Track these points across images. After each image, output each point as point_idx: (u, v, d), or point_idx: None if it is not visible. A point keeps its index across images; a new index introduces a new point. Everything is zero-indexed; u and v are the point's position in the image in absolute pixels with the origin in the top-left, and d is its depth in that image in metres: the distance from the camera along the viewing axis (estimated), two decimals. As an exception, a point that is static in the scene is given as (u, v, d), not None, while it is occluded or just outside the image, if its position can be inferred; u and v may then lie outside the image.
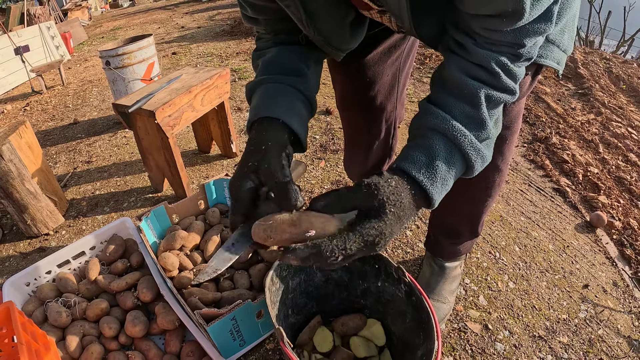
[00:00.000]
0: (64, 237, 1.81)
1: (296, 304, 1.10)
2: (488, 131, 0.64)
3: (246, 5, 0.79)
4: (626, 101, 2.90)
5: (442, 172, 0.61)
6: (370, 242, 0.56)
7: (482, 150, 0.64)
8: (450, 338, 1.22)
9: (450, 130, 0.62)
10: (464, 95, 0.63)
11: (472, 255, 1.50)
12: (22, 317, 0.97)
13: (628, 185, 1.95)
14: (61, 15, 9.16)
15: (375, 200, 0.57)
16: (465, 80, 0.62)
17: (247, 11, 0.81)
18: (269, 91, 0.75)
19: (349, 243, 0.55)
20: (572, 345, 1.20)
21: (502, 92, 0.63)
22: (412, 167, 0.61)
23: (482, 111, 0.63)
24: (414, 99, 2.85)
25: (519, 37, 0.59)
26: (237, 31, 5.40)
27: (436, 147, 0.62)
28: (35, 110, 3.61)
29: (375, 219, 0.57)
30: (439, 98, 0.66)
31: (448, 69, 0.65)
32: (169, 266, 1.25)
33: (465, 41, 0.63)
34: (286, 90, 0.75)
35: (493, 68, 0.61)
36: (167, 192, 2.01)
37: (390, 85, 1.19)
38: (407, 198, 0.59)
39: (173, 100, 1.69)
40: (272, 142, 0.66)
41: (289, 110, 0.72)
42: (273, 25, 0.84)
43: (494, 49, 0.61)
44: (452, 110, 0.64)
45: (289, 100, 0.74)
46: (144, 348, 1.17)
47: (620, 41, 8.11)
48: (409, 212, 0.60)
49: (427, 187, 0.61)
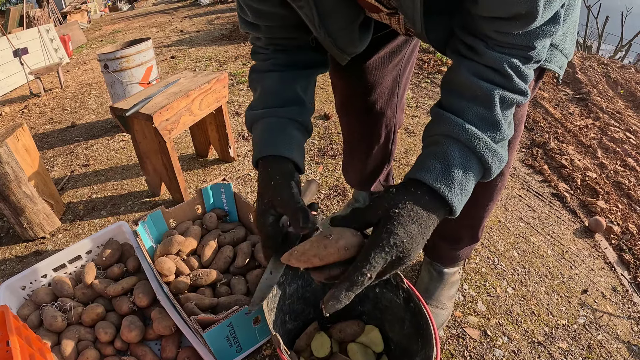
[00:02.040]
0: (61, 240, 1.80)
1: (293, 310, 1.10)
2: (503, 132, 0.64)
3: (248, 10, 0.78)
4: (624, 106, 2.90)
5: (460, 177, 0.61)
6: (389, 246, 0.55)
7: (499, 151, 0.64)
8: (449, 344, 1.21)
9: (464, 135, 0.61)
10: (477, 97, 0.63)
11: (470, 261, 1.50)
12: (17, 322, 0.96)
13: (626, 190, 1.95)
14: (60, 18, 9.17)
15: (380, 209, 0.58)
16: (478, 83, 0.62)
17: (247, 16, 0.80)
18: (270, 127, 0.80)
19: (371, 256, 0.55)
20: (571, 351, 1.20)
21: (515, 94, 0.63)
22: (428, 176, 0.60)
23: (496, 112, 0.62)
24: (412, 103, 2.85)
25: (531, 39, 0.59)
26: (235, 35, 5.41)
27: (451, 153, 0.62)
28: (33, 113, 3.61)
29: (384, 226, 0.57)
30: (451, 102, 0.66)
31: (459, 73, 0.65)
32: (166, 271, 1.24)
33: (476, 44, 0.62)
34: (286, 125, 0.80)
35: (505, 70, 0.61)
36: (165, 197, 2.00)
37: (390, 90, 1.19)
38: (415, 200, 0.59)
39: (171, 104, 1.69)
40: (279, 176, 0.72)
41: (290, 144, 0.77)
42: (273, 33, 0.83)
43: (506, 52, 0.61)
44: (465, 113, 0.63)
45: (289, 134, 0.79)
46: (140, 353, 1.16)
47: (617, 46, 8.16)
48: (424, 214, 0.59)
49: (446, 195, 0.60)
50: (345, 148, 1.39)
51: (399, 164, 2.10)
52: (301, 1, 0.69)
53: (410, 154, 2.18)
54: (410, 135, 2.39)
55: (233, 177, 2.11)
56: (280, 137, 0.78)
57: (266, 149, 0.76)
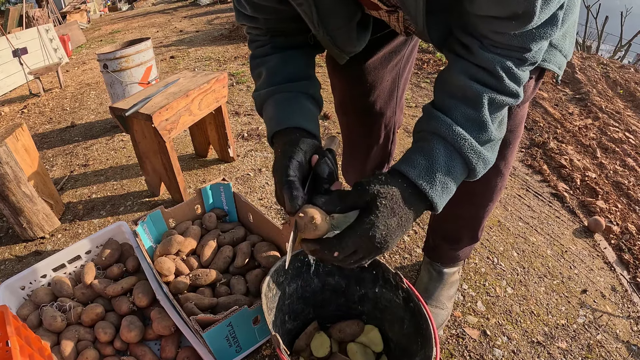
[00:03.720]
0: (60, 240, 1.80)
1: (293, 310, 1.10)
2: (490, 133, 0.64)
3: (246, 3, 0.78)
4: (623, 106, 2.91)
5: (442, 175, 0.62)
6: (367, 237, 0.58)
7: (484, 153, 0.65)
8: (449, 344, 1.21)
9: (451, 134, 0.63)
10: (466, 97, 0.64)
11: (470, 261, 1.50)
12: (17, 321, 0.96)
13: (626, 189, 1.95)
14: (60, 18, 9.16)
15: (367, 195, 0.60)
16: (469, 83, 0.63)
17: (245, 9, 0.80)
18: (283, 101, 0.79)
19: (345, 240, 0.59)
20: (570, 350, 1.20)
21: (505, 96, 0.64)
22: (412, 171, 0.62)
23: (484, 113, 0.63)
24: (411, 103, 2.85)
25: (526, 41, 0.59)
26: (235, 35, 5.41)
27: (436, 150, 0.63)
28: (33, 113, 3.60)
29: (368, 214, 0.59)
30: (441, 101, 0.67)
31: (451, 72, 0.66)
32: (165, 271, 1.24)
33: (471, 43, 0.63)
34: (297, 98, 0.80)
35: (497, 71, 0.61)
36: (164, 197, 2.00)
37: (390, 90, 1.19)
38: (400, 193, 0.61)
39: (170, 104, 1.69)
40: (289, 144, 0.71)
41: (305, 115, 0.78)
42: (272, 25, 0.84)
43: (500, 52, 0.61)
44: (453, 113, 0.64)
45: (303, 106, 0.79)
46: (140, 353, 1.16)
47: (617, 46, 8.17)
48: (405, 208, 0.61)
49: (427, 191, 0.61)
50: (345, 148, 1.39)
51: (399, 164, 2.10)
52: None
53: (409, 154, 2.18)
54: (410, 135, 2.39)
55: (232, 177, 2.11)
56: (296, 109, 0.78)
57: (282, 123, 0.76)
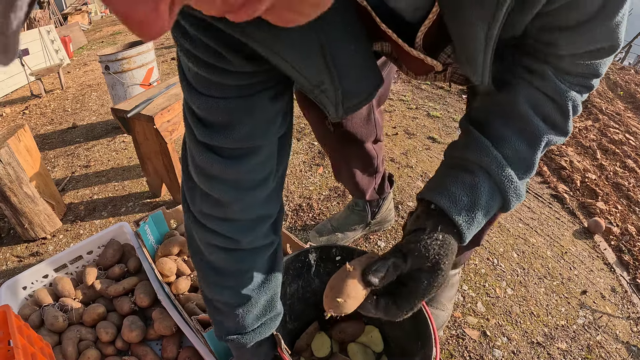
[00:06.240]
0: (62, 241, 1.80)
1: (294, 310, 1.10)
2: (532, 173, 0.61)
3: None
4: (623, 107, 2.91)
5: (480, 215, 0.59)
6: (435, 288, 0.57)
7: (521, 192, 0.61)
8: (449, 345, 1.22)
9: (500, 175, 0.58)
10: (524, 132, 0.59)
11: (470, 262, 1.50)
12: (19, 321, 0.96)
13: (626, 191, 1.95)
14: (61, 19, 9.18)
15: (427, 261, 0.56)
16: (533, 118, 0.58)
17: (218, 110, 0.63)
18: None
19: (417, 305, 0.61)
20: (570, 351, 1.20)
21: (562, 136, 0.60)
22: (453, 209, 0.58)
23: (537, 156, 0.60)
24: (412, 105, 2.86)
25: (600, 67, 0.57)
26: (236, 36, 5.42)
27: (481, 188, 0.58)
28: (34, 114, 3.61)
29: (428, 274, 0.56)
30: (494, 128, 0.60)
31: (515, 97, 0.59)
32: (167, 271, 1.24)
33: (542, 69, 0.58)
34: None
35: (566, 107, 0.58)
36: (165, 198, 2.01)
37: (366, 114, 1.16)
38: (454, 244, 0.58)
39: (172, 105, 1.69)
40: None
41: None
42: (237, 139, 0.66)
43: (572, 80, 0.58)
44: (505, 147, 0.59)
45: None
46: (141, 353, 1.16)
47: (617, 48, 8.15)
48: (452, 251, 0.58)
49: (464, 232, 0.58)
50: (332, 164, 1.35)
51: (399, 165, 2.10)
52: (324, 84, 0.60)
53: (410, 155, 2.19)
54: (410, 137, 2.40)
55: (233, 178, 2.11)
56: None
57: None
